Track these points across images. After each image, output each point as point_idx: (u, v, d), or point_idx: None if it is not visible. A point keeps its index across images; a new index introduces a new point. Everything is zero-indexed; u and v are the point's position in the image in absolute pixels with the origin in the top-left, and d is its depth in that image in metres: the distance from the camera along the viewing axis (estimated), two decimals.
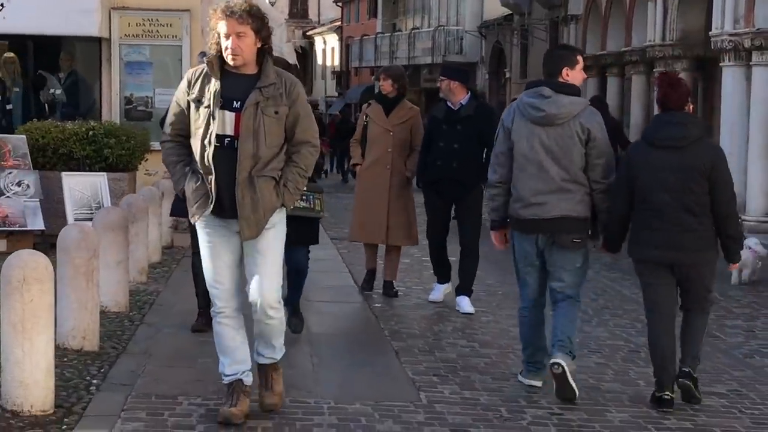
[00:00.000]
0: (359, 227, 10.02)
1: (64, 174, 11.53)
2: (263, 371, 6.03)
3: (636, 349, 8.20)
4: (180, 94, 5.79)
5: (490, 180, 6.88)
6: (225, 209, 5.67)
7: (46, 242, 10.72)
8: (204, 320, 7.72)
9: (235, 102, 5.61)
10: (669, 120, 6.41)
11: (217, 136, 5.61)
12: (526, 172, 6.60)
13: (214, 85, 5.63)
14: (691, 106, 6.63)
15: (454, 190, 9.42)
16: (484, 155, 9.17)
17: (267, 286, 5.72)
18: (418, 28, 46.09)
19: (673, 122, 6.38)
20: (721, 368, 7.67)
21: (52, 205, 11.55)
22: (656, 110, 6.73)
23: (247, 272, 5.78)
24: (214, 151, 5.61)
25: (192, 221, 5.83)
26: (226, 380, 5.86)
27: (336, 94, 59.81)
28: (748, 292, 11.13)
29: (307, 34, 66.39)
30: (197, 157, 5.67)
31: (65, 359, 6.90)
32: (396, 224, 9.83)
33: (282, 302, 5.87)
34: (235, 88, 5.63)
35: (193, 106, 5.71)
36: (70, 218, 11.01)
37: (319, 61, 65.47)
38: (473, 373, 7.21)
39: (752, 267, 11.66)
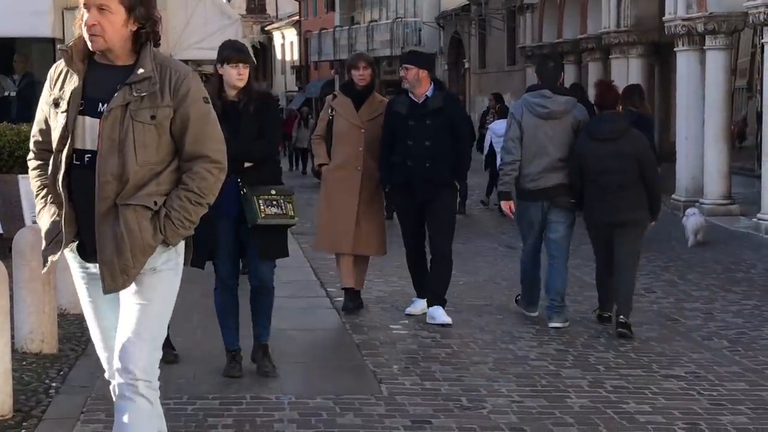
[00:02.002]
0: (325, 235, 8.91)
1: (20, 177, 11.44)
2: None
3: (596, 335, 8.26)
4: (43, 96, 4.34)
5: (506, 160, 8.57)
6: (85, 250, 4.25)
7: (4, 246, 10.64)
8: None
9: (101, 104, 4.15)
10: (604, 119, 8.46)
11: (76, 151, 4.17)
12: (532, 155, 8.42)
13: (74, 81, 4.21)
14: (620, 107, 8.92)
15: (426, 191, 8.50)
16: (459, 149, 8.59)
17: (138, 353, 4.21)
18: (376, 21, 46.10)
19: (607, 120, 8.42)
20: (679, 351, 7.75)
21: (10, 208, 11.45)
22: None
23: (117, 331, 4.29)
24: (71, 171, 4.17)
25: (43, 270, 4.45)
26: None
27: (296, 88, 59.69)
28: (706, 275, 11.24)
29: (266, 29, 66.18)
30: (50, 180, 4.25)
31: (24, 363, 6.86)
32: (366, 232, 8.77)
33: (157, 385, 4.37)
34: (102, 85, 4.18)
35: (52, 111, 4.27)
36: (28, 221, 10.92)
37: (279, 56, 65.29)
38: (434, 364, 7.24)
39: (704, 230, 13.53)
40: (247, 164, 6.61)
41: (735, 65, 19.13)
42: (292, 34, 61.96)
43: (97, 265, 4.16)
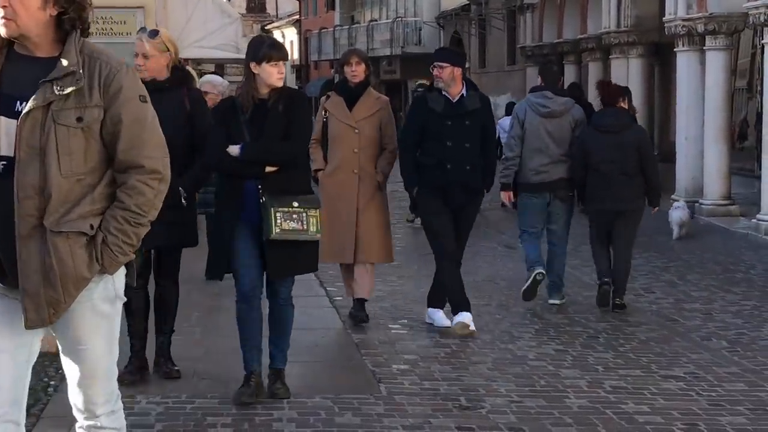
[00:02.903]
0: (326, 245, 7.93)
1: None
2: None
3: (595, 335, 8.26)
4: None
5: (508, 156, 9.12)
6: (5, 272, 3.60)
7: None
8: (133, 367, 6.55)
9: (18, 103, 3.54)
10: (607, 113, 9.28)
11: None
12: (535, 150, 9.04)
13: None
14: (622, 103, 9.40)
15: (461, 197, 8.07)
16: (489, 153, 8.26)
17: (97, 395, 3.83)
18: (376, 20, 46.05)
19: (610, 114, 9.24)
20: (678, 351, 7.75)
21: None
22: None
23: (67, 374, 3.89)
24: None
25: None
26: None
27: (296, 88, 59.69)
28: (705, 276, 11.24)
29: (266, 28, 66.07)
30: None
31: None
32: (368, 239, 8.28)
33: (120, 404, 4.00)
34: (21, 80, 3.58)
35: None
36: None
37: None
38: (433, 364, 7.24)
39: (688, 225, 14.32)
40: (269, 168, 6.03)
41: (735, 66, 19.15)
42: (292, 33, 61.95)
43: (18, 294, 3.55)
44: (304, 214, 6.04)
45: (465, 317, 8.04)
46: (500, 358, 7.40)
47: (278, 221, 5.94)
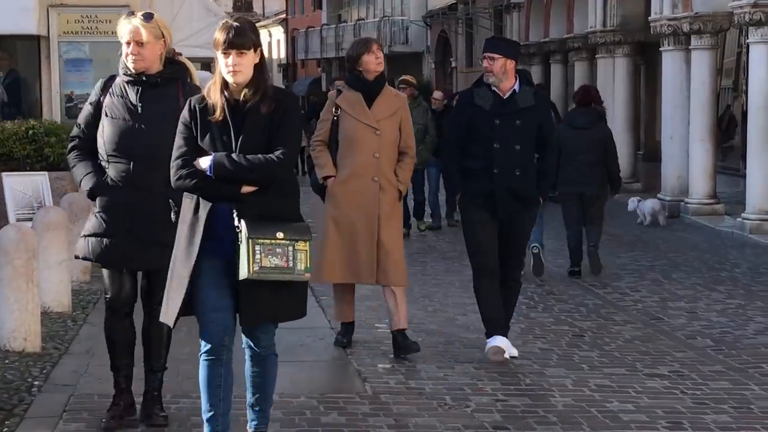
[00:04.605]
0: (337, 263, 7.28)
1: (4, 174, 11.39)
2: None
3: (580, 334, 8.27)
4: None
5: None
6: None
7: None
8: (119, 410, 5.67)
9: None
10: (580, 113, 11.08)
11: None
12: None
13: None
14: (593, 104, 11.14)
15: (510, 206, 7.19)
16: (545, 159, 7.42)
17: None
18: (363, 19, 46.06)
19: (582, 113, 11.03)
20: (663, 350, 7.76)
21: None
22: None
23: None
24: None
25: None
26: None
27: (283, 86, 59.64)
28: (690, 274, 11.26)
29: None
30: None
31: (6, 361, 6.85)
32: (391, 258, 7.28)
33: None
34: None
35: None
36: (11, 218, 10.89)
37: (265, 53, 65.04)
38: (419, 363, 7.24)
39: (662, 213, 15.25)
40: (247, 188, 4.79)
41: (721, 65, 19.19)
42: (278, 32, 61.86)
43: None
44: (291, 248, 4.76)
45: (500, 342, 7.27)
46: (486, 357, 7.39)
47: (257, 256, 4.71)
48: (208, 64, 14.68)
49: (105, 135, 5.56)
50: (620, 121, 20.04)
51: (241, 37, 4.82)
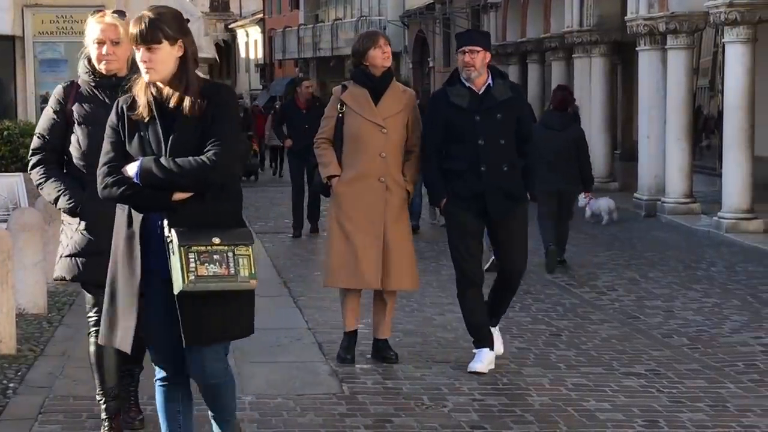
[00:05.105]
0: (343, 267, 7.00)
1: None
2: None
3: (557, 333, 8.29)
4: None
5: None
6: None
7: None
8: None
9: None
10: (554, 115, 11.62)
11: None
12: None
13: None
14: (569, 107, 12.04)
15: (501, 204, 6.92)
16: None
17: None
18: (340, 19, 46.06)
19: (556, 115, 11.60)
20: (640, 348, 7.79)
21: None
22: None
23: None
24: None
25: None
26: None
27: (260, 87, 59.51)
28: (667, 273, 11.31)
29: (229, 27, 65.92)
30: None
31: None
32: (398, 261, 7.01)
33: None
34: None
35: None
36: None
37: (243, 54, 65.05)
38: (396, 363, 7.23)
39: (616, 211, 15.54)
40: (179, 195, 4.35)
41: (697, 64, 19.28)
42: (256, 32, 61.76)
43: None
44: (230, 254, 4.31)
45: (488, 356, 7.05)
46: (463, 356, 7.39)
47: (192, 265, 4.25)
48: None
49: (84, 146, 5.20)
50: (597, 121, 20.12)
51: (151, 31, 4.35)
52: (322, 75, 47.89)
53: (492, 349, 7.10)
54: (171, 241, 4.29)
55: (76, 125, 5.25)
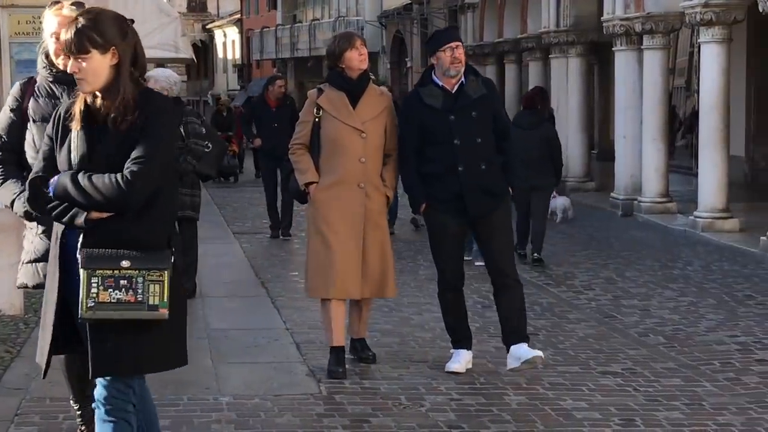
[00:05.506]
0: (324, 276, 6.78)
1: None
2: None
3: (534, 332, 8.29)
4: None
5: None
6: None
7: None
8: None
9: None
10: (525, 114, 12.15)
11: None
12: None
13: None
14: (538, 106, 12.19)
15: (482, 204, 6.78)
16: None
17: None
18: (318, 20, 46.02)
19: (527, 115, 12.05)
20: (616, 347, 7.82)
21: None
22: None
23: None
24: None
25: None
26: None
27: (238, 87, 59.40)
28: (643, 272, 11.36)
29: (207, 27, 65.74)
30: None
31: None
32: (378, 269, 6.89)
33: None
34: None
35: None
36: None
37: (220, 54, 64.90)
38: (373, 363, 7.23)
39: (571, 209, 15.94)
40: (97, 214, 4.01)
41: (674, 64, 19.39)
42: (233, 33, 61.63)
43: None
44: (139, 279, 3.95)
45: (464, 356, 7.04)
46: (441, 356, 7.40)
47: (93, 291, 3.94)
48: (162, 65, 14.59)
49: (38, 144, 4.84)
50: (574, 121, 20.18)
51: (78, 41, 4.01)
52: (300, 75, 47.89)
53: (469, 349, 7.06)
54: (79, 260, 4.00)
55: (30, 122, 5.01)
